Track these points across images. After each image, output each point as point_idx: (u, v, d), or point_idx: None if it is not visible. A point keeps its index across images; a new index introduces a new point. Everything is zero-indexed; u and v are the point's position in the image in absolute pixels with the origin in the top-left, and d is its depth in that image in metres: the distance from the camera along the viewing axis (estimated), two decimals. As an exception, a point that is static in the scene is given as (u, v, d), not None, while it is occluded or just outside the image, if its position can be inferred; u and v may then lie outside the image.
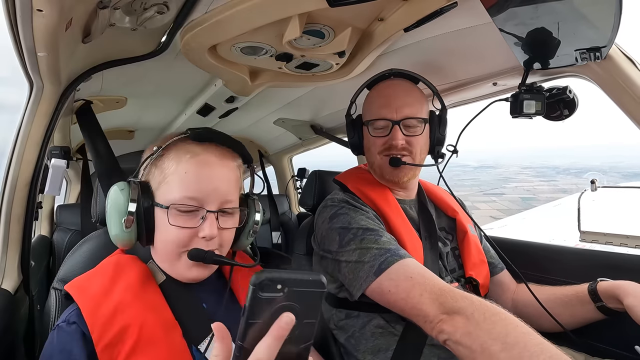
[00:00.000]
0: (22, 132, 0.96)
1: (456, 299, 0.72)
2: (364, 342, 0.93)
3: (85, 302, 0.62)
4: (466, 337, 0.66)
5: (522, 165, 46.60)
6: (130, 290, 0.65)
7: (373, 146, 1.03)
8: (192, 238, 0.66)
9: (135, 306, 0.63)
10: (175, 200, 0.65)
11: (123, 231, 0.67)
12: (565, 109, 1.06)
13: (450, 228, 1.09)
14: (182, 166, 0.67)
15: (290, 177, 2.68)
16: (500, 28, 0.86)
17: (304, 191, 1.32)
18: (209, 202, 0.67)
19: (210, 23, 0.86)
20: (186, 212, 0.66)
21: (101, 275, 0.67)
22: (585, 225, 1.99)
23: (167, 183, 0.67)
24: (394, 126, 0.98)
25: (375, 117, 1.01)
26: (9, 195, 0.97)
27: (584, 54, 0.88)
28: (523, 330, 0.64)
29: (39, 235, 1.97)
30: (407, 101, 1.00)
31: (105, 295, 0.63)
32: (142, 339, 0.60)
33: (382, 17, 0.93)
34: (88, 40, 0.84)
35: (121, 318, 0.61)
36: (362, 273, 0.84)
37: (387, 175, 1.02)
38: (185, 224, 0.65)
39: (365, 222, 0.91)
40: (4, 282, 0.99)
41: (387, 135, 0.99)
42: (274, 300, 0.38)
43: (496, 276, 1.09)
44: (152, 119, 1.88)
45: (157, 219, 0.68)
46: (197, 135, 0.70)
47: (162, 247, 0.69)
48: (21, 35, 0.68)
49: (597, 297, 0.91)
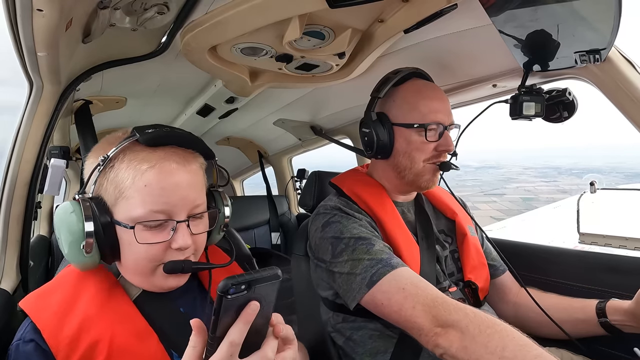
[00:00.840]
0: (22, 132, 0.96)
1: (449, 311, 0.71)
2: (362, 344, 0.93)
3: (44, 323, 0.56)
4: (462, 351, 0.66)
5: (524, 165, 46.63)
6: (95, 302, 0.60)
7: (417, 151, 0.95)
8: (166, 250, 0.61)
9: (103, 319, 0.59)
10: (140, 217, 0.59)
11: (84, 256, 0.59)
12: (565, 111, 1.06)
13: (449, 230, 1.08)
14: (141, 179, 0.59)
15: (290, 177, 2.68)
16: (500, 30, 0.86)
17: (303, 192, 1.32)
18: (177, 212, 0.61)
19: (211, 24, 0.86)
20: (154, 227, 0.60)
21: (60, 288, 0.61)
22: (584, 227, 2.00)
23: (125, 198, 0.59)
24: (445, 130, 0.95)
25: (431, 121, 0.94)
26: (8, 195, 0.97)
27: (583, 56, 0.88)
28: (520, 342, 0.63)
29: (38, 235, 1.97)
30: (449, 106, 0.99)
31: (68, 311, 0.58)
32: (114, 353, 0.57)
33: (382, 19, 0.93)
34: (88, 40, 0.84)
35: (88, 335, 0.56)
36: (355, 285, 0.84)
37: (425, 182, 0.98)
38: (156, 239, 0.60)
39: (357, 231, 0.89)
40: (2, 282, 0.99)
41: (437, 141, 0.95)
42: (241, 298, 0.44)
43: (498, 279, 1.08)
44: (151, 119, 1.88)
45: (121, 237, 0.61)
46: (149, 139, 0.61)
47: (133, 264, 0.63)
48: (21, 35, 0.68)
49: (602, 313, 0.90)
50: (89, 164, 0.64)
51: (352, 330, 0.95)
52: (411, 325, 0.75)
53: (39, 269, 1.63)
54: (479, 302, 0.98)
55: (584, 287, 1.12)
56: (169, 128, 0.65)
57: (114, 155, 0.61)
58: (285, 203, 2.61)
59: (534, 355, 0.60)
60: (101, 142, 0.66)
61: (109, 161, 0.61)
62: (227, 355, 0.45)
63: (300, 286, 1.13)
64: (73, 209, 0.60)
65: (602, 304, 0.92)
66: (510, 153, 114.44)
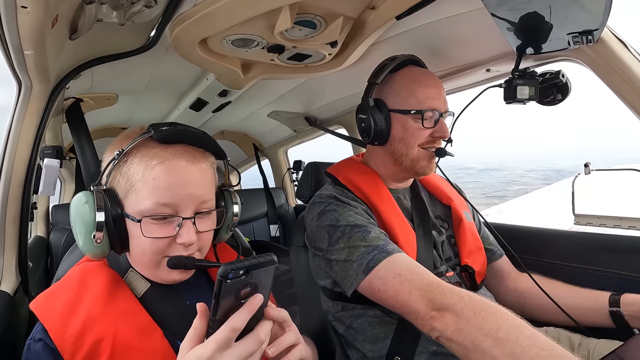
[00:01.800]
0: (13, 133, 0.94)
1: (445, 295, 0.72)
2: (363, 332, 0.94)
3: (51, 323, 0.59)
4: (457, 334, 0.67)
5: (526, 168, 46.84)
6: (99, 301, 0.62)
7: (413, 137, 0.96)
8: (170, 244, 0.63)
9: (106, 317, 0.60)
10: (147, 210, 0.61)
11: (95, 246, 0.62)
12: (559, 94, 1.06)
13: (445, 216, 1.09)
14: (150, 173, 0.61)
15: (286, 169, 2.67)
16: (493, 13, 0.86)
17: (300, 183, 1.32)
18: (183, 208, 0.63)
19: (200, 16, 0.84)
20: (160, 220, 0.62)
21: (65, 289, 0.64)
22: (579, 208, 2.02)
23: (135, 191, 0.62)
24: (441, 117, 0.96)
25: (427, 108, 0.95)
26: (3, 197, 0.96)
27: (576, 37, 0.88)
28: (514, 323, 0.64)
29: (35, 236, 1.96)
30: (443, 92, 0.99)
31: (72, 311, 0.60)
32: (117, 350, 0.58)
33: (373, 6, 0.92)
34: (75, 37, 0.83)
35: (91, 334, 0.58)
36: (352, 272, 0.85)
37: (422, 168, 0.99)
38: (161, 234, 0.62)
39: (353, 219, 0.90)
40: (2, 284, 0.98)
41: (433, 127, 0.96)
42: (239, 282, 0.47)
43: (495, 263, 1.10)
44: (144, 115, 1.86)
45: (129, 229, 0.64)
46: (163, 136, 0.64)
47: (140, 255, 0.65)
48: (6, 33, 0.67)
49: (616, 303, 0.90)
50: (107, 157, 0.67)
51: (352, 318, 0.96)
52: (408, 310, 0.76)
53: (38, 269, 1.63)
54: (475, 286, 1.00)
55: (581, 267, 1.14)
56: (184, 127, 0.67)
57: (129, 150, 0.63)
58: (282, 195, 2.61)
59: (527, 335, 0.62)
60: (119, 137, 0.68)
61: (124, 155, 0.63)
62: (225, 338, 0.47)
63: (300, 277, 1.14)
64: (87, 200, 0.62)
65: (617, 295, 0.92)
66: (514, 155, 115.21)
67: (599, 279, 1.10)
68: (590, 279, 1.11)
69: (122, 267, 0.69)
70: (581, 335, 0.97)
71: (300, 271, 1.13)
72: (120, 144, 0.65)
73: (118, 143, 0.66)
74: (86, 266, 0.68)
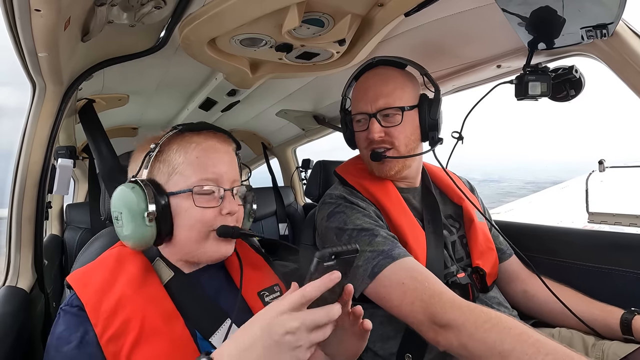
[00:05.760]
0: (28, 134, 0.96)
1: (445, 309, 0.72)
2: (373, 330, 0.93)
3: (87, 298, 0.63)
4: (462, 349, 0.68)
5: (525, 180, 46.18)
6: (132, 284, 0.66)
7: (358, 141, 1.03)
8: (217, 217, 0.69)
9: (137, 300, 0.64)
10: (195, 184, 0.68)
11: (146, 226, 0.66)
12: (572, 89, 1.04)
13: (457, 215, 1.08)
14: (192, 154, 0.69)
15: (295, 168, 2.68)
16: (503, 8, 0.84)
17: (309, 182, 1.32)
18: (223, 182, 0.71)
19: (208, 16, 0.85)
20: (206, 194, 0.69)
21: (102, 268, 0.68)
22: (593, 206, 1.98)
23: (178, 173, 0.69)
24: (371, 119, 0.96)
25: (355, 112, 1.00)
26: (19, 197, 0.99)
27: (590, 31, 0.86)
28: (517, 331, 0.64)
29: (50, 234, 2.01)
30: (383, 91, 0.96)
31: (107, 290, 0.64)
32: (145, 331, 0.61)
33: (381, 2, 0.91)
34: (87, 39, 0.84)
35: (123, 312, 0.62)
36: (358, 276, 0.85)
37: (375, 170, 1.00)
38: (209, 204, 0.68)
39: (360, 222, 0.90)
40: (19, 281, 1.01)
41: (366, 130, 0.97)
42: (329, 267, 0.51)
43: (504, 263, 1.08)
44: (154, 115, 1.88)
45: (175, 209, 0.69)
46: (193, 126, 0.73)
47: (188, 233, 0.69)
48: (21, 36, 0.68)
49: (627, 329, 0.88)
50: (137, 157, 0.73)
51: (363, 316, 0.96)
52: (412, 321, 0.77)
53: (54, 267, 1.67)
54: (486, 287, 0.99)
55: (595, 266, 1.11)
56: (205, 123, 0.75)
57: (163, 143, 0.71)
58: (291, 194, 2.62)
59: (531, 343, 0.62)
60: (145, 140, 0.74)
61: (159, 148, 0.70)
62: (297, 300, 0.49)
63: (310, 275, 1.14)
64: (133, 186, 0.67)
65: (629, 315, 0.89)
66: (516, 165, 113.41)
67: (613, 279, 1.07)
68: (604, 278, 1.08)
69: (150, 255, 0.73)
70: (595, 337, 0.95)
71: (309, 269, 1.13)
72: (150, 142, 0.71)
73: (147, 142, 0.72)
74: (122, 250, 0.72)
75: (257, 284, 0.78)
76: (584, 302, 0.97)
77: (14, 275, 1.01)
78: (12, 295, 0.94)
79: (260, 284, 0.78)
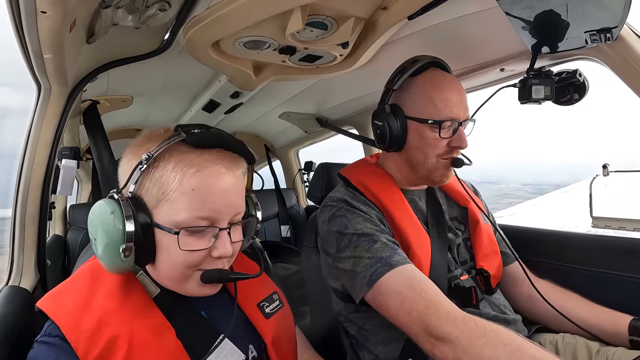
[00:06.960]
0: (32, 134, 0.97)
1: (440, 322, 0.71)
2: (375, 333, 0.94)
3: (63, 319, 0.56)
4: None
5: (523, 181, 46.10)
6: (113, 297, 0.59)
7: (430, 147, 0.93)
8: (204, 258, 0.60)
9: (121, 314, 0.58)
10: (184, 223, 0.57)
11: (122, 261, 0.57)
12: (576, 93, 1.04)
13: (462, 218, 1.07)
14: (189, 182, 0.57)
15: (297, 170, 2.68)
16: (507, 12, 0.84)
17: (311, 184, 1.32)
18: (221, 220, 0.59)
19: (213, 19, 0.85)
20: (196, 233, 0.59)
21: (76, 286, 0.61)
22: (597, 210, 1.97)
23: (169, 201, 0.57)
24: (459, 126, 0.93)
25: (445, 117, 0.90)
26: (23, 197, 0.99)
27: (594, 35, 0.85)
28: (512, 348, 0.63)
29: (53, 234, 2.02)
30: (463, 98, 0.95)
31: (85, 307, 0.57)
32: (134, 348, 0.56)
33: (385, 6, 0.91)
34: (92, 41, 0.85)
35: (107, 330, 0.55)
36: (357, 282, 0.85)
37: (439, 177, 0.96)
38: (197, 246, 0.58)
39: (361, 226, 0.89)
40: (22, 281, 1.01)
41: (451, 137, 0.93)
42: None
43: (510, 266, 1.07)
44: (158, 117, 1.89)
45: (159, 241, 0.59)
46: (197, 141, 0.59)
47: (168, 269, 0.61)
48: (27, 38, 0.69)
49: (636, 331, 0.87)
50: (127, 161, 0.62)
51: (365, 320, 0.96)
52: (409, 331, 0.77)
53: (56, 267, 1.67)
54: (490, 289, 0.98)
55: (601, 272, 1.10)
56: (215, 129, 0.63)
57: (159, 155, 0.57)
58: (293, 196, 2.62)
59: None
60: (140, 139, 0.63)
61: (154, 160, 0.57)
62: None
63: (312, 278, 1.14)
64: (113, 209, 0.56)
65: (637, 322, 0.88)
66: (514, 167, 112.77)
67: (618, 284, 1.06)
68: (609, 283, 1.07)
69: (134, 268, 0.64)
70: (600, 343, 0.94)
71: (311, 272, 1.13)
72: (145, 148, 0.59)
73: (140, 146, 0.61)
74: (96, 263, 0.63)
75: (255, 295, 0.73)
76: (589, 308, 0.96)
77: (17, 275, 1.02)
78: (15, 295, 0.95)
79: (258, 295, 0.74)
